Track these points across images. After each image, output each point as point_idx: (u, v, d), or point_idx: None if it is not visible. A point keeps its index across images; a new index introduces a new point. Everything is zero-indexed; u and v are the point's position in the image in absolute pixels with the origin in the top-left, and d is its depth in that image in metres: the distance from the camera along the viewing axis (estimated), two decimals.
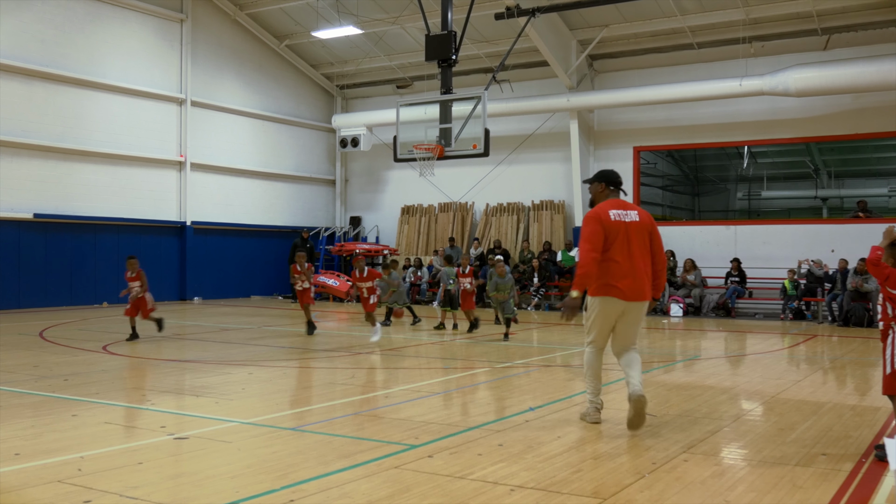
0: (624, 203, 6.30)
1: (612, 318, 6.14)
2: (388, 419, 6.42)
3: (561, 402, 7.22)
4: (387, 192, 24.79)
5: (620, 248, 6.04)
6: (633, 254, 6.06)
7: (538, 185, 21.78)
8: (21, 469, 4.88)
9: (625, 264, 6.01)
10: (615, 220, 6.08)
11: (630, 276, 6.01)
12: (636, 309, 6.11)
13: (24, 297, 17.29)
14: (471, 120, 14.14)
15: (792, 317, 17.07)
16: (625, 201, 6.38)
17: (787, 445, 5.65)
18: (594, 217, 6.08)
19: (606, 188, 6.42)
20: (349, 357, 10.52)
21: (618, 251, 6.03)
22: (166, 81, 20.28)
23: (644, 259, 6.14)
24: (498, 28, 19.66)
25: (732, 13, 17.99)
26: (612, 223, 6.05)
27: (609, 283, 6.01)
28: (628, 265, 6.02)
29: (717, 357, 11.19)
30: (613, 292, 6.01)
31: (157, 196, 20.13)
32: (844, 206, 22.52)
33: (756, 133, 19.26)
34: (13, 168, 17.11)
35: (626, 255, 6.04)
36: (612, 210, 6.14)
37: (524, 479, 4.70)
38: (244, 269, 22.55)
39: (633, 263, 6.04)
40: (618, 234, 6.04)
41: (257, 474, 4.83)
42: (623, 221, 6.10)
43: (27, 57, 17.31)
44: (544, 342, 12.86)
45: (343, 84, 24.88)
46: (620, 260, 6.01)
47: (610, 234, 6.02)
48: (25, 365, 9.28)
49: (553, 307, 19.83)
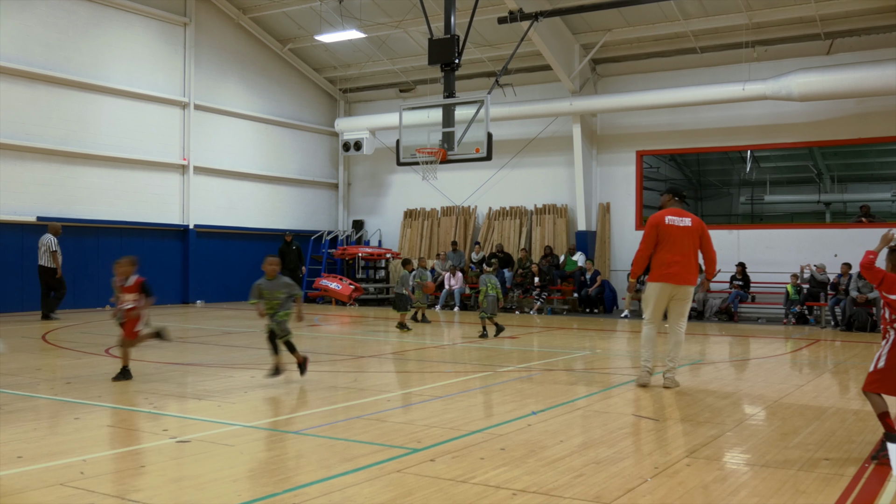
0: (681, 211, 8.10)
1: (664, 299, 8.00)
2: (391, 423, 6.41)
3: (563, 407, 7.21)
4: (389, 196, 24.81)
5: (672, 246, 7.85)
6: (682, 250, 7.85)
7: (541, 190, 21.79)
8: (23, 472, 4.88)
9: (675, 257, 7.83)
10: (668, 224, 7.91)
11: (678, 265, 7.83)
12: (683, 291, 7.98)
13: (27, 300, 17.30)
14: (473, 124, 14.17)
15: (795, 321, 17.04)
16: (682, 209, 8.15)
17: (789, 450, 5.64)
18: (652, 222, 7.98)
19: (672, 198, 8.28)
20: (351, 360, 10.52)
21: (670, 248, 7.84)
22: (170, 85, 20.32)
23: (692, 254, 7.92)
24: (501, 32, 19.67)
25: (736, 17, 18.00)
26: (665, 226, 7.90)
27: (662, 272, 7.88)
28: (678, 257, 7.83)
29: (720, 361, 11.18)
30: (665, 278, 7.88)
31: (160, 199, 20.16)
32: (847, 211, 22.46)
33: (759, 137, 19.26)
34: (16, 171, 17.15)
35: (677, 250, 7.84)
36: (667, 216, 7.97)
37: (526, 484, 4.69)
38: (247, 272, 22.50)
39: (683, 257, 7.83)
40: (670, 234, 7.86)
41: (259, 478, 4.83)
42: (676, 225, 7.91)
43: (31, 60, 17.36)
44: (546, 346, 12.85)
45: (346, 88, 24.92)
46: (672, 254, 7.83)
47: (663, 235, 7.88)
48: (28, 368, 9.29)
49: (555, 311, 19.82)
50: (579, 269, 19.85)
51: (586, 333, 14.79)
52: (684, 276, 7.87)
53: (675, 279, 7.84)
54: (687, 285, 7.90)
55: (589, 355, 11.36)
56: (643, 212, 20.97)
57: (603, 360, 10.95)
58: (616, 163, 21.05)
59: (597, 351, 11.94)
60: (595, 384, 8.68)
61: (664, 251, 7.85)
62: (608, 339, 13.98)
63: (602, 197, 21.25)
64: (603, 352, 11.88)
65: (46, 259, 15.77)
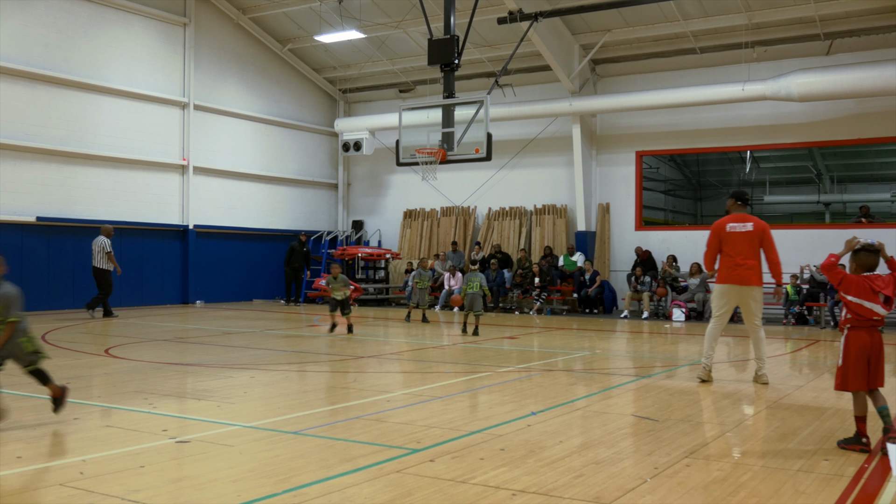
0: (743, 216, 8.50)
1: (729, 299, 8.48)
2: (390, 423, 6.41)
3: (563, 407, 7.21)
4: (389, 196, 24.81)
5: (732, 250, 8.33)
6: (744, 253, 8.30)
7: (540, 190, 21.79)
8: (23, 472, 4.88)
9: (737, 260, 8.30)
10: (730, 230, 8.36)
11: (741, 268, 8.30)
12: (749, 292, 8.41)
13: (27, 300, 17.16)
14: (473, 124, 14.17)
15: (794, 322, 17.04)
16: (744, 214, 8.55)
17: (789, 450, 5.64)
18: (714, 229, 8.49)
19: (735, 203, 8.62)
20: (351, 361, 10.52)
21: (732, 252, 8.33)
22: (169, 85, 20.32)
23: (754, 257, 8.37)
24: (500, 32, 19.67)
25: (735, 18, 18.00)
26: (727, 233, 8.37)
27: (726, 274, 8.40)
28: (740, 260, 8.30)
29: (720, 362, 11.18)
30: (729, 280, 8.39)
31: (159, 200, 20.15)
32: (847, 212, 22.48)
33: (758, 138, 19.26)
34: (16, 171, 17.14)
35: (738, 253, 8.30)
36: (729, 224, 8.40)
37: (526, 484, 4.69)
38: (246, 272, 22.57)
39: (745, 260, 8.30)
40: (731, 240, 8.34)
41: (259, 478, 4.82)
42: (737, 231, 8.35)
43: (30, 60, 17.35)
44: (546, 346, 12.85)
45: (346, 88, 24.92)
46: (734, 257, 8.32)
47: (724, 240, 8.38)
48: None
49: (555, 311, 19.83)
50: (579, 270, 19.85)
51: (586, 334, 14.80)
52: (747, 278, 8.35)
53: (737, 280, 8.33)
54: (750, 286, 8.38)
55: (588, 356, 11.36)
56: (643, 212, 20.98)
57: (602, 360, 10.95)
58: (615, 163, 21.05)
59: (596, 351, 11.94)
60: (595, 384, 8.68)
61: (727, 255, 8.38)
62: (608, 340, 13.98)
63: (602, 197, 21.25)
64: (602, 352, 11.88)
65: (102, 261, 16.16)
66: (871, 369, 5.64)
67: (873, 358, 5.64)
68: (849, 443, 5.65)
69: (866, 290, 5.64)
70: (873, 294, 5.63)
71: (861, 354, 5.62)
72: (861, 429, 5.63)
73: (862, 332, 5.66)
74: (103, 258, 16.14)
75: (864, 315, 5.65)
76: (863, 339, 5.64)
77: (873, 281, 5.66)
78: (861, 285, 5.67)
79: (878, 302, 5.63)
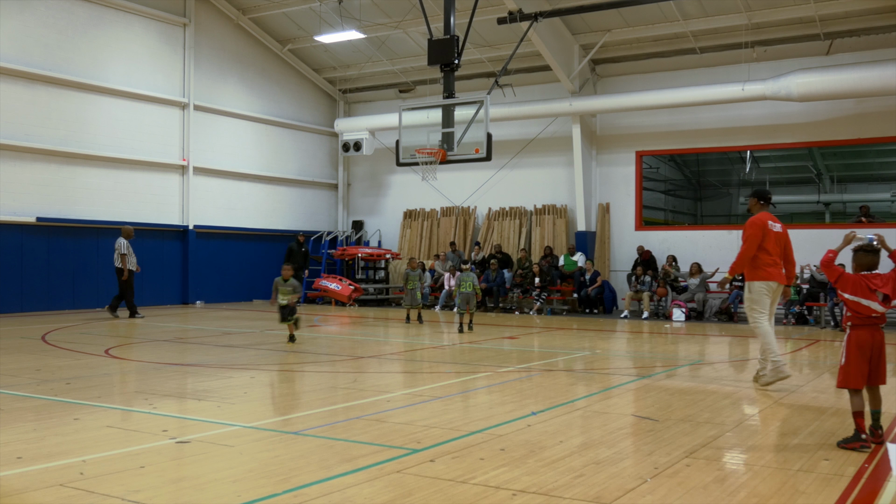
0: (774, 216, 8.60)
1: (773, 295, 8.52)
2: (390, 423, 6.41)
3: (563, 407, 7.21)
4: (389, 197, 24.81)
5: (772, 248, 8.40)
6: (778, 252, 8.46)
7: (540, 190, 21.79)
8: (23, 473, 4.88)
9: (774, 258, 8.43)
10: (770, 228, 8.42)
11: (778, 266, 8.46)
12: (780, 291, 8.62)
13: (27, 301, 17.31)
14: (473, 124, 14.17)
15: (794, 322, 17.04)
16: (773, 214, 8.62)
17: (789, 450, 5.64)
18: (759, 224, 8.38)
19: (758, 202, 8.65)
20: (351, 361, 10.52)
21: (771, 249, 8.39)
22: (169, 85, 20.32)
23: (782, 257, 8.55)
24: (500, 32, 19.67)
25: (735, 18, 18.00)
26: (769, 230, 8.40)
27: (769, 271, 8.41)
28: (777, 258, 8.45)
29: (720, 362, 11.18)
30: (772, 276, 8.42)
31: (159, 200, 20.16)
32: (847, 211, 22.48)
33: (758, 138, 19.26)
34: (16, 172, 17.14)
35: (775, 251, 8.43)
36: (769, 221, 8.46)
37: (526, 484, 4.69)
38: (246, 272, 22.56)
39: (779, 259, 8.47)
40: (772, 237, 8.40)
41: (259, 478, 4.82)
42: (773, 231, 8.45)
43: (30, 61, 17.36)
44: (546, 346, 12.85)
45: (346, 88, 24.92)
46: (773, 255, 8.41)
47: (766, 237, 8.37)
48: (28, 368, 9.29)
49: (555, 311, 19.83)
50: (579, 270, 19.85)
51: (586, 334, 14.80)
52: (782, 276, 8.58)
53: (780, 278, 8.49)
54: (784, 283, 8.64)
55: (589, 356, 11.36)
56: (643, 212, 20.98)
57: (603, 360, 10.95)
58: (615, 163, 21.05)
59: (596, 351, 11.94)
60: (595, 384, 8.68)
61: (766, 252, 8.42)
62: (608, 340, 13.98)
63: (602, 197, 21.25)
64: (603, 352, 11.87)
65: (117, 260, 16.27)
66: (872, 367, 5.70)
67: (874, 356, 5.69)
68: (848, 441, 5.67)
69: (863, 287, 5.72)
70: (870, 292, 5.70)
71: (863, 352, 5.68)
72: (860, 425, 5.66)
73: (863, 331, 5.72)
74: (118, 258, 16.22)
75: (863, 312, 5.72)
76: (864, 338, 5.70)
77: (870, 279, 5.74)
78: (858, 283, 5.75)
79: (875, 300, 5.69)
